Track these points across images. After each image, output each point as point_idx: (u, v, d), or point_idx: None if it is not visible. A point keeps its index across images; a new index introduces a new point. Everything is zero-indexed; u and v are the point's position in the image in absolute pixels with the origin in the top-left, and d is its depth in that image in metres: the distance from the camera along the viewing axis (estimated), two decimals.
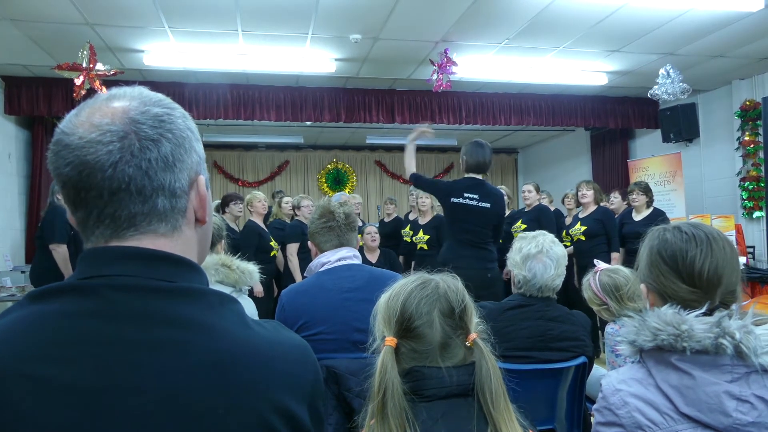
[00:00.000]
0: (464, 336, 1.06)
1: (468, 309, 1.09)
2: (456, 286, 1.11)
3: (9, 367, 0.55)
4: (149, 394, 0.57)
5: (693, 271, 1.10)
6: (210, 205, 0.75)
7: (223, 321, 0.64)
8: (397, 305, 1.07)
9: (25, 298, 0.62)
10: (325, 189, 10.52)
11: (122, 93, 0.68)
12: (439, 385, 1.00)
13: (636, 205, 4.94)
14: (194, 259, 0.71)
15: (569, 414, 2.06)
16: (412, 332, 1.05)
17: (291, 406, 0.64)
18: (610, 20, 4.64)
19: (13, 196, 6.25)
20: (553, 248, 1.98)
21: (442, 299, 1.07)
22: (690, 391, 1.00)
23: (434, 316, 1.05)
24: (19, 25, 4.47)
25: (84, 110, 0.66)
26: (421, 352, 1.04)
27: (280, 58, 5.37)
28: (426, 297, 1.07)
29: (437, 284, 1.10)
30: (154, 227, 0.67)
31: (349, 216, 2.00)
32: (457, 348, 1.06)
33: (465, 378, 1.02)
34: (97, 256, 0.65)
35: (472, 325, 1.08)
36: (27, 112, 5.97)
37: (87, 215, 0.66)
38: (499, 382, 1.02)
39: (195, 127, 0.72)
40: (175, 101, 0.73)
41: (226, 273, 2.21)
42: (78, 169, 0.63)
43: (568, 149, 9.69)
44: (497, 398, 1.00)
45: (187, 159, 0.69)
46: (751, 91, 6.32)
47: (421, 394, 1.00)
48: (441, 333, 1.04)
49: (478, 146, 3.52)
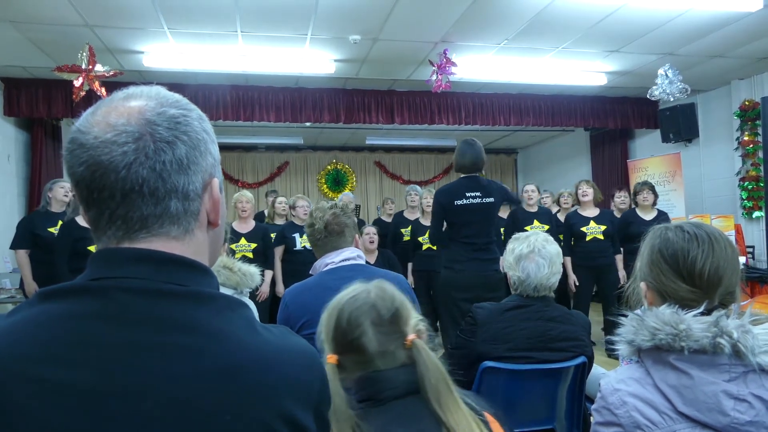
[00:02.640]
0: (402, 339, 1.09)
1: (401, 313, 1.11)
2: (386, 292, 1.14)
3: (14, 367, 0.55)
4: (156, 398, 0.57)
5: (694, 271, 1.10)
6: (223, 208, 0.74)
7: (232, 326, 0.64)
8: (332, 322, 1.11)
9: (35, 296, 0.62)
10: (325, 190, 10.53)
11: (139, 92, 0.68)
12: (391, 386, 1.03)
13: (645, 205, 4.95)
14: (205, 263, 0.70)
15: (569, 414, 2.06)
16: (349, 345, 1.08)
17: (297, 414, 0.63)
18: (610, 20, 4.64)
19: (12, 198, 6.25)
20: (546, 247, 1.97)
21: (372, 309, 1.10)
22: (688, 390, 1.00)
23: (366, 327, 1.08)
24: (19, 27, 4.47)
25: (100, 109, 0.66)
26: (363, 362, 1.07)
27: (280, 59, 5.37)
28: (356, 309, 1.10)
29: (368, 294, 1.12)
30: (166, 230, 0.66)
31: (330, 224, 1.96)
32: (398, 351, 1.08)
33: (411, 377, 1.05)
34: (108, 257, 0.65)
35: (408, 327, 1.11)
36: (26, 113, 5.97)
37: (99, 215, 0.65)
38: (440, 376, 1.04)
39: (211, 129, 0.72)
40: None
41: (228, 275, 2.21)
42: (92, 169, 0.63)
43: (567, 149, 9.70)
44: (438, 392, 1.03)
45: (202, 161, 0.68)
46: (750, 91, 6.33)
47: (376, 398, 1.03)
48: (376, 341, 1.07)
49: (469, 145, 3.50)
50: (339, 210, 2.00)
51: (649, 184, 5.06)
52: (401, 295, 1.16)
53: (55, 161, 6.79)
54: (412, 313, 1.14)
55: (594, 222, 5.01)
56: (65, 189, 4.39)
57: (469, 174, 3.50)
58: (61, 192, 4.37)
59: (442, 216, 3.48)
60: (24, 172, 6.54)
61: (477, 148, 3.48)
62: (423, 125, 7.06)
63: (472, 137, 3.63)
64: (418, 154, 11.00)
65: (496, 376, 1.90)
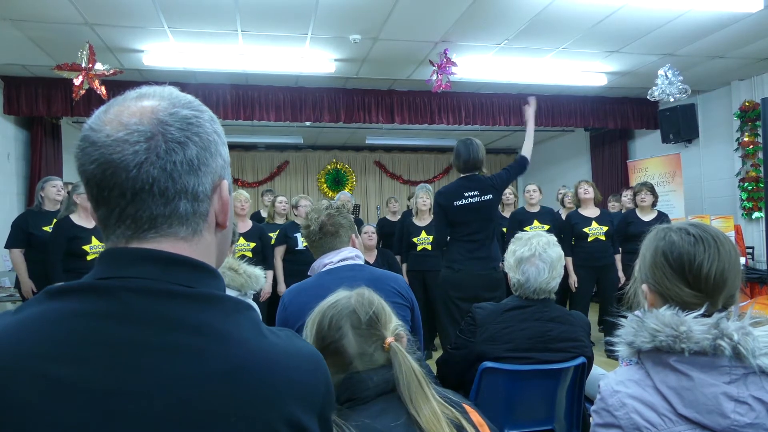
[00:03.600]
0: (381, 342, 1.15)
1: (379, 317, 1.18)
2: (366, 297, 1.21)
3: (19, 364, 0.55)
4: (161, 398, 0.57)
5: (700, 276, 1.09)
6: (231, 210, 0.74)
7: (239, 329, 0.64)
8: (314, 326, 1.18)
9: (42, 294, 0.62)
10: (325, 189, 10.53)
11: (152, 92, 0.68)
12: (370, 386, 1.10)
13: (644, 205, 4.95)
14: (213, 264, 0.71)
15: (568, 414, 2.06)
16: (330, 348, 1.14)
17: (302, 418, 0.64)
18: (610, 21, 4.64)
19: (12, 197, 6.25)
20: (548, 251, 1.96)
21: (352, 313, 1.17)
22: (688, 392, 1.00)
23: (346, 330, 1.15)
24: (19, 26, 4.47)
25: (113, 107, 0.66)
26: (344, 363, 1.13)
27: (280, 58, 5.37)
28: (337, 313, 1.17)
29: (348, 300, 1.20)
30: (175, 230, 0.66)
31: (324, 225, 1.97)
32: (377, 353, 1.15)
33: (388, 377, 1.11)
34: (116, 257, 0.65)
35: (387, 330, 1.17)
36: (26, 112, 5.97)
37: (108, 214, 0.65)
38: (413, 377, 1.10)
39: (222, 131, 0.72)
40: None
41: (233, 276, 2.21)
42: (102, 168, 0.63)
43: (567, 150, 9.70)
44: (411, 391, 1.09)
45: (212, 163, 0.68)
46: (750, 92, 6.33)
47: (358, 398, 1.09)
48: (355, 344, 1.14)
49: (466, 145, 3.50)
50: (334, 210, 2.00)
51: (648, 184, 5.06)
52: (381, 300, 1.22)
53: (54, 160, 6.79)
54: (391, 318, 1.20)
55: (596, 222, 5.01)
56: (57, 187, 4.34)
57: (467, 173, 3.50)
58: (54, 191, 4.31)
59: (444, 218, 3.47)
60: (24, 170, 6.53)
61: (474, 147, 3.47)
62: (423, 125, 7.06)
63: (471, 137, 3.62)
64: (417, 153, 11.00)
65: (496, 377, 1.90)
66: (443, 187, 3.68)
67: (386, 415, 1.06)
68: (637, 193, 5.01)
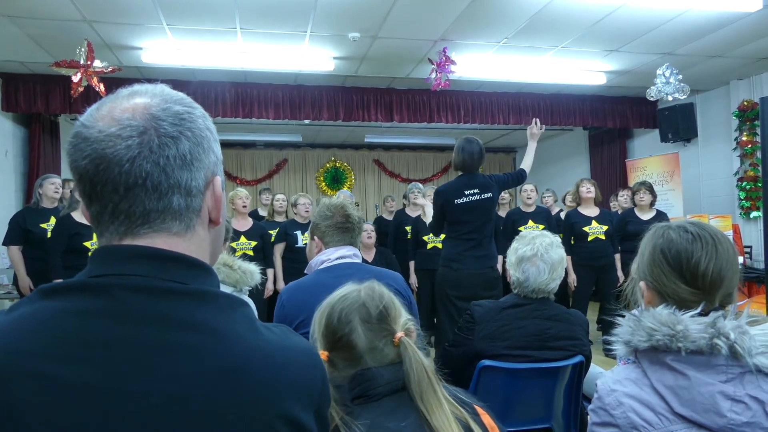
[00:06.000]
0: (391, 336, 1.13)
1: (389, 311, 1.15)
2: (376, 291, 1.18)
3: (15, 363, 0.55)
4: (158, 396, 0.57)
5: (697, 273, 1.09)
6: (224, 207, 0.74)
7: (234, 325, 0.64)
8: (324, 320, 1.16)
9: (36, 293, 0.62)
10: (324, 187, 10.52)
11: (144, 90, 0.68)
12: (382, 383, 1.07)
13: (643, 204, 4.95)
14: (206, 260, 0.71)
15: (566, 412, 2.06)
16: (339, 343, 1.12)
17: (299, 414, 0.64)
18: (609, 20, 4.64)
19: (10, 194, 6.24)
20: (549, 252, 1.96)
21: (361, 307, 1.14)
22: (685, 391, 1.00)
23: (356, 324, 1.12)
24: (17, 22, 4.46)
25: (105, 104, 0.66)
26: (353, 358, 1.11)
27: (279, 56, 5.36)
28: (347, 307, 1.15)
29: (358, 293, 1.17)
30: (168, 225, 0.66)
31: (361, 219, 2.04)
32: (387, 348, 1.12)
33: (400, 374, 1.09)
34: (110, 255, 0.65)
35: (397, 325, 1.15)
36: (24, 109, 5.96)
37: (102, 210, 0.65)
38: (423, 374, 1.08)
39: (214, 128, 0.73)
40: None
41: (228, 273, 2.21)
42: (95, 163, 0.63)
43: (566, 149, 9.70)
44: (421, 389, 1.06)
45: (205, 159, 0.69)
46: (749, 92, 6.33)
47: (368, 395, 1.07)
48: (365, 338, 1.12)
49: (467, 143, 3.50)
50: (357, 209, 2.06)
51: (647, 183, 5.06)
52: (390, 294, 1.20)
53: (53, 157, 6.78)
54: (401, 312, 1.18)
55: (596, 222, 5.01)
56: (55, 185, 4.35)
57: (467, 172, 3.50)
58: (52, 188, 4.31)
59: (442, 215, 3.48)
60: (22, 167, 6.52)
61: (475, 146, 3.48)
62: (422, 123, 7.05)
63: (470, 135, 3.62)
64: (416, 152, 10.99)
65: (494, 375, 1.90)
66: (443, 185, 3.68)
67: (397, 413, 1.04)
68: (636, 192, 5.01)
